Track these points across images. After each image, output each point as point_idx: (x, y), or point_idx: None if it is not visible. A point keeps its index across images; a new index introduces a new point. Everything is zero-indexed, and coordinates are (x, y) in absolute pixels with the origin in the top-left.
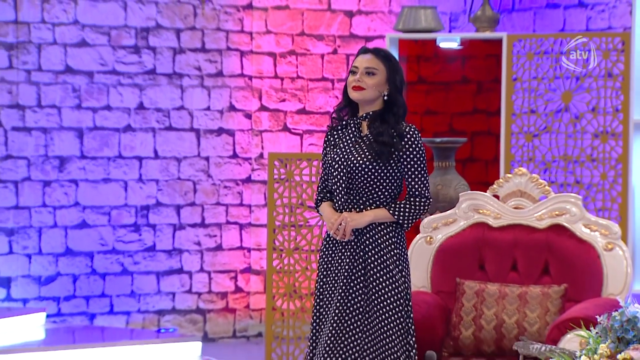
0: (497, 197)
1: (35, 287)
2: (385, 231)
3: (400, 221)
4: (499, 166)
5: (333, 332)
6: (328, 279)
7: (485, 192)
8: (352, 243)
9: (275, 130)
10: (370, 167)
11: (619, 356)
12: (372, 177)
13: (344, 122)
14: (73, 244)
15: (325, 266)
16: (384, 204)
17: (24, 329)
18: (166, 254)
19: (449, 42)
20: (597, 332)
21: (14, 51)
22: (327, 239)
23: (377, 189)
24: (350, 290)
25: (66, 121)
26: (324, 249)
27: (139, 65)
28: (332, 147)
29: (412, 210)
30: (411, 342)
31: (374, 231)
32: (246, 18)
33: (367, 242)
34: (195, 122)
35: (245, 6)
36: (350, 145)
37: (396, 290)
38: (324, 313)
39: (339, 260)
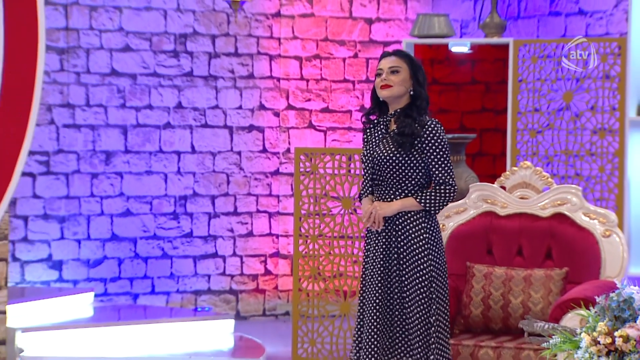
0: (504, 188)
1: (84, 270)
2: (415, 217)
3: (427, 208)
4: (506, 160)
5: (377, 312)
6: (368, 265)
7: (493, 183)
8: (386, 231)
9: (301, 127)
10: (393, 158)
11: (616, 333)
12: (396, 167)
13: (375, 121)
14: (118, 230)
15: (366, 254)
16: (412, 193)
17: (74, 308)
18: (202, 240)
19: (460, 47)
20: (595, 312)
21: (64, 55)
22: (368, 231)
23: (402, 179)
24: (388, 272)
25: (112, 119)
26: (366, 239)
27: (178, 68)
28: (365, 144)
29: (438, 198)
30: (431, 320)
31: (404, 218)
32: (275, 25)
33: (399, 228)
34: (229, 120)
35: (274, 14)
36: (378, 141)
37: (421, 272)
38: (366, 297)
39: (376, 248)
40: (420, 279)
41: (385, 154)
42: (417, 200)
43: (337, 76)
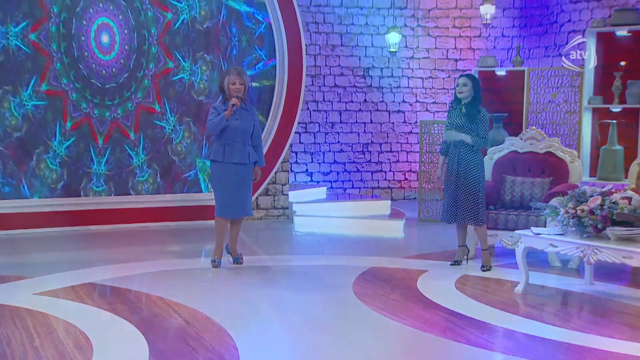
0: (521, 139)
1: (322, 176)
2: (471, 152)
3: (473, 144)
4: (522, 126)
5: (451, 194)
6: (447, 173)
7: (516, 137)
8: (457, 158)
9: (422, 111)
10: (465, 125)
11: (577, 208)
12: (466, 129)
13: (455, 107)
14: (337, 158)
15: (447, 168)
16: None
17: (317, 194)
18: (375, 164)
19: (500, 72)
20: (567, 198)
21: (313, 77)
22: (449, 159)
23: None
24: (457, 175)
25: (334, 107)
26: (448, 162)
27: (364, 83)
28: (449, 118)
29: (479, 141)
30: (479, 200)
31: (465, 149)
32: (410, 62)
33: (462, 155)
34: (388, 107)
35: (409, 57)
36: (457, 116)
37: (476, 177)
38: (446, 188)
39: (451, 165)
40: (475, 178)
41: (461, 123)
42: (471, 138)
43: (440, 87)
